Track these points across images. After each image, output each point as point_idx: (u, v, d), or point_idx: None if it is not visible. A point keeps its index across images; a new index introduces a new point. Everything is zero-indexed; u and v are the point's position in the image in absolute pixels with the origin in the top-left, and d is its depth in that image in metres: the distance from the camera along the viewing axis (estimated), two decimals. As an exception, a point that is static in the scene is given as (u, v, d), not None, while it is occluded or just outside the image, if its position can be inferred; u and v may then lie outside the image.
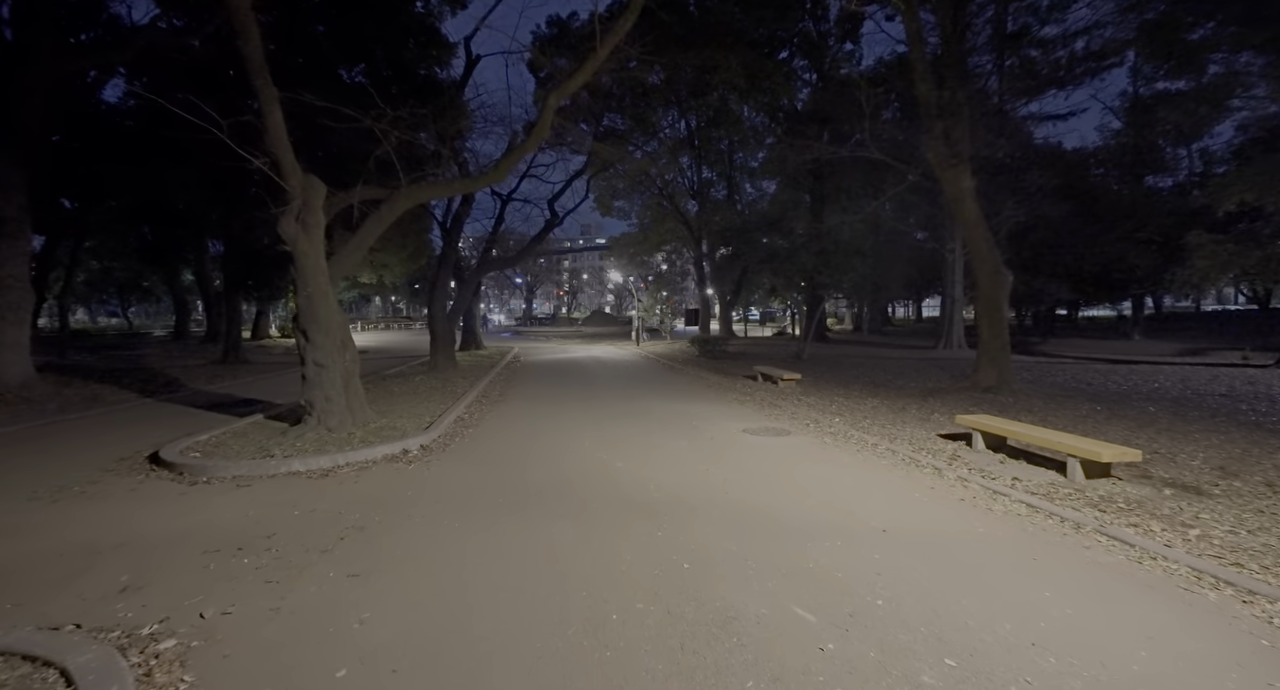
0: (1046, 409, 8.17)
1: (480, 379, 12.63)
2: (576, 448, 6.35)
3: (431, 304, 14.63)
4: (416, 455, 5.92)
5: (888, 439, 6.68)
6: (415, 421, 7.48)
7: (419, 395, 10.03)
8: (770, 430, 7.31)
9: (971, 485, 4.82)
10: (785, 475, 5.21)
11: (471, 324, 22.90)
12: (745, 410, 8.94)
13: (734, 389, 11.43)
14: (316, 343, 6.73)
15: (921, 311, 55.60)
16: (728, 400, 10.03)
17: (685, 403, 9.68)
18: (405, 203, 7.08)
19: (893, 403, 9.20)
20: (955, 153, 9.69)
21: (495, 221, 22.91)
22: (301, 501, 4.43)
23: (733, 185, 29.77)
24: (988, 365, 9.65)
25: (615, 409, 8.99)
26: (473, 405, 9.29)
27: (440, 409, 8.51)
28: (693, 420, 8.05)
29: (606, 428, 7.48)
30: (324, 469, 5.32)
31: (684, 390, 11.38)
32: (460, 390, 10.70)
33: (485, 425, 7.69)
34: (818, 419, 7.98)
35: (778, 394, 10.52)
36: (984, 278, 9.70)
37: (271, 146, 5.95)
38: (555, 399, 10.11)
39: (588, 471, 5.35)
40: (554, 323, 66.07)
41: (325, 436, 6.48)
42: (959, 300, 19.36)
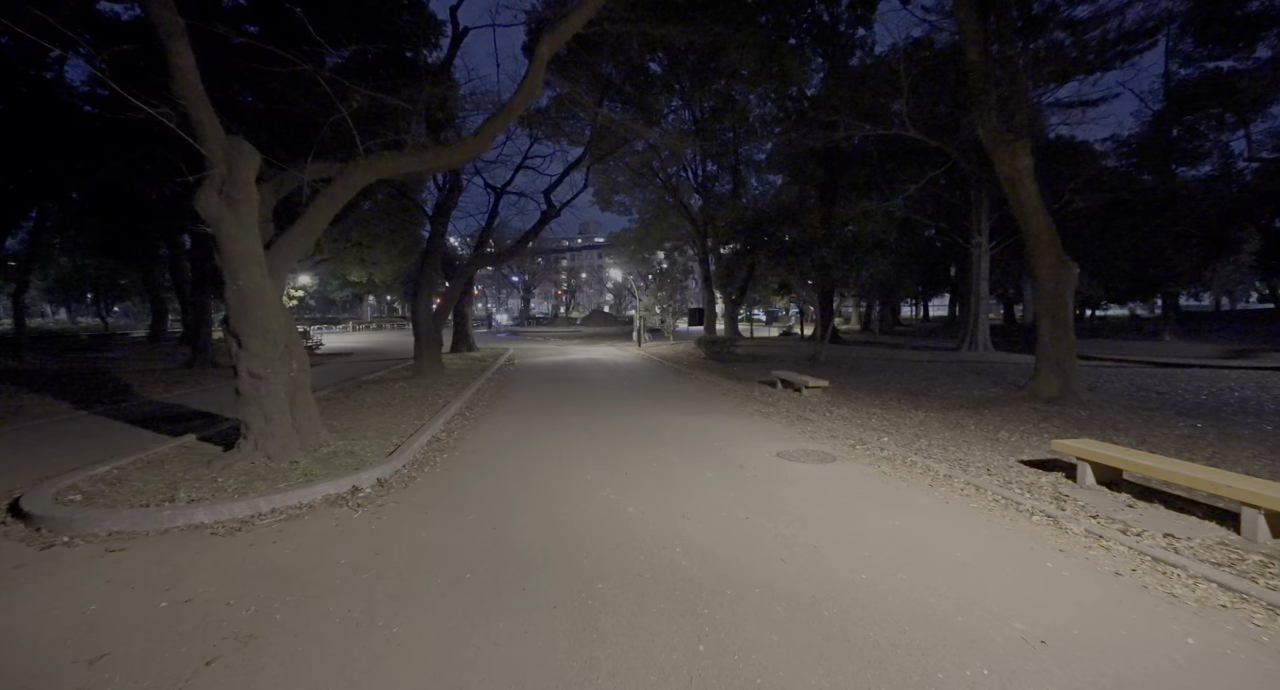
0: (1134, 426, 6.88)
1: (467, 386, 11.32)
2: (575, 482, 5.04)
3: (415, 302, 13.31)
4: (369, 495, 4.61)
5: (960, 467, 5.39)
6: (379, 444, 6.17)
7: (393, 407, 8.71)
8: (810, 454, 6.01)
9: (1114, 547, 3.52)
10: (853, 527, 3.91)
11: (463, 324, 21.58)
12: (772, 425, 7.64)
13: (752, 397, 10.13)
14: (251, 349, 5.42)
15: (928, 310, 54.43)
16: (748, 412, 8.74)
17: (701, 415, 8.38)
18: (363, 176, 5.77)
19: (943, 417, 7.91)
20: (1011, 127, 8.41)
21: (489, 215, 21.69)
22: (182, 580, 3.12)
23: (738, 179, 28.43)
24: (1049, 371, 8.37)
25: (620, 424, 7.69)
26: (454, 420, 7.97)
27: (413, 426, 7.20)
28: (714, 439, 6.75)
29: (612, 451, 6.18)
30: (239, 519, 4.01)
31: (696, 399, 10.08)
32: (442, 400, 9.39)
33: (464, 449, 6.37)
34: (862, 437, 6.69)
35: (804, 404, 9.22)
36: (1045, 271, 8.42)
37: (180, 96, 4.63)
38: (551, 412, 8.80)
39: (590, 524, 4.04)
40: (552, 323, 64.73)
41: (259, 468, 5.17)
42: (984, 298, 18.08)
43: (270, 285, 5.55)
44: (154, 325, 23.85)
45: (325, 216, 5.94)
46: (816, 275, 15.57)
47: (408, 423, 7.44)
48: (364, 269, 33.06)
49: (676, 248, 35.32)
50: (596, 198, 28.90)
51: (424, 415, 8.00)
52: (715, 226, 26.83)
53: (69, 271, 26.66)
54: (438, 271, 13.60)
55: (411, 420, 7.63)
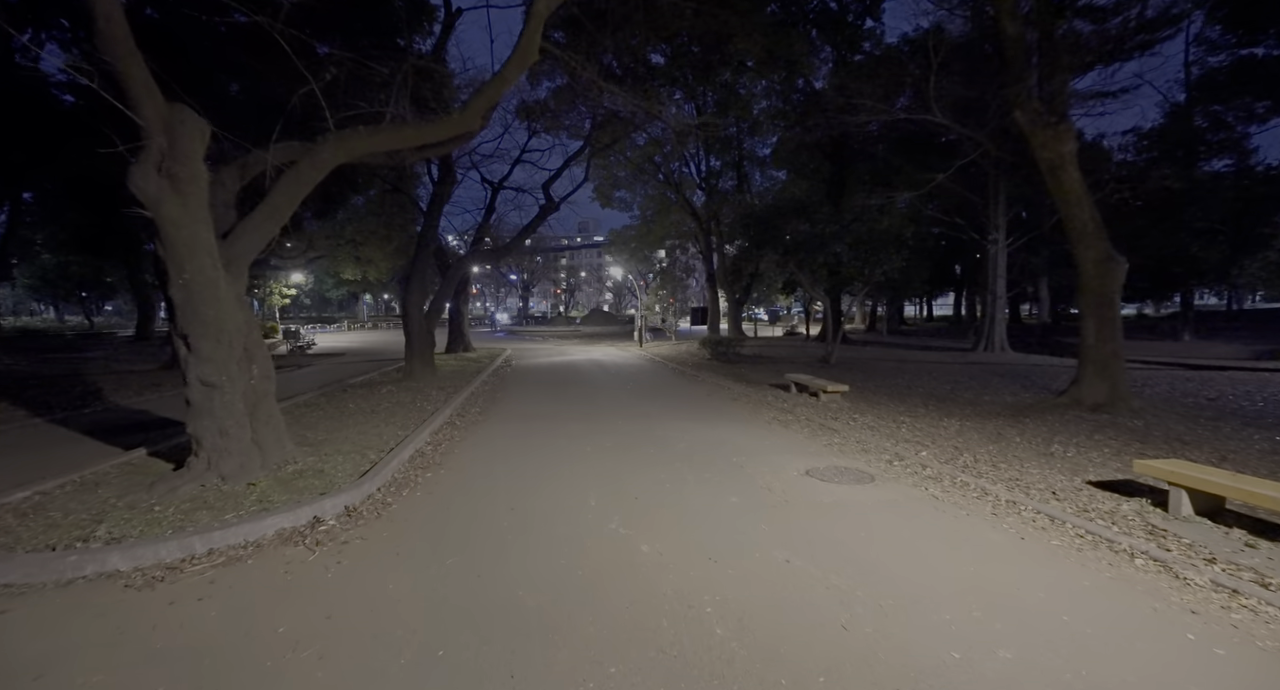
0: (1203, 439, 6.16)
1: (460, 390, 10.58)
2: (578, 510, 4.31)
3: (406, 300, 12.55)
4: (333, 529, 3.87)
5: (1020, 489, 4.67)
6: (354, 461, 5.42)
7: (377, 415, 7.97)
8: (844, 473, 5.28)
9: (1261, 608, 2.79)
10: (920, 575, 3.18)
11: (459, 323, 20.82)
12: (794, 437, 6.91)
13: (766, 403, 9.41)
14: (202, 353, 4.67)
15: (932, 309, 53.71)
16: (764, 419, 8.00)
17: (714, 424, 7.64)
18: (333, 154, 5.03)
19: (980, 426, 7.18)
20: (1053, 108, 7.68)
21: (485, 210, 20.94)
22: (61, 664, 2.38)
23: (742, 174, 27.70)
24: (1094, 376, 7.64)
25: (627, 436, 6.95)
26: (443, 430, 7.23)
27: (396, 437, 6.45)
28: (732, 453, 6.01)
29: (618, 469, 5.44)
30: (165, 565, 3.27)
31: (706, 405, 9.35)
32: (432, 407, 8.65)
33: (451, 465, 5.63)
34: (897, 451, 5.96)
35: (824, 411, 8.50)
36: (1090, 266, 7.70)
37: (104, 50, 3.88)
38: (549, 420, 8.06)
39: (598, 569, 3.31)
40: (551, 322, 63.97)
41: (209, 492, 4.43)
42: (1001, 297, 17.37)
43: (225, 279, 4.80)
44: (140, 324, 23.04)
45: (291, 200, 5.19)
46: (827, 273, 14.85)
47: (390, 433, 6.70)
48: (358, 267, 32.34)
49: (678, 245, 34.57)
50: (597, 194, 28.16)
51: (409, 424, 7.26)
52: (719, 223, 26.11)
53: (53, 269, 25.86)
54: (430, 268, 12.84)
55: (395, 430, 6.88)
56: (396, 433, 6.74)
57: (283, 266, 29.15)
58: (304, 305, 56.73)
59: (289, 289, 32.52)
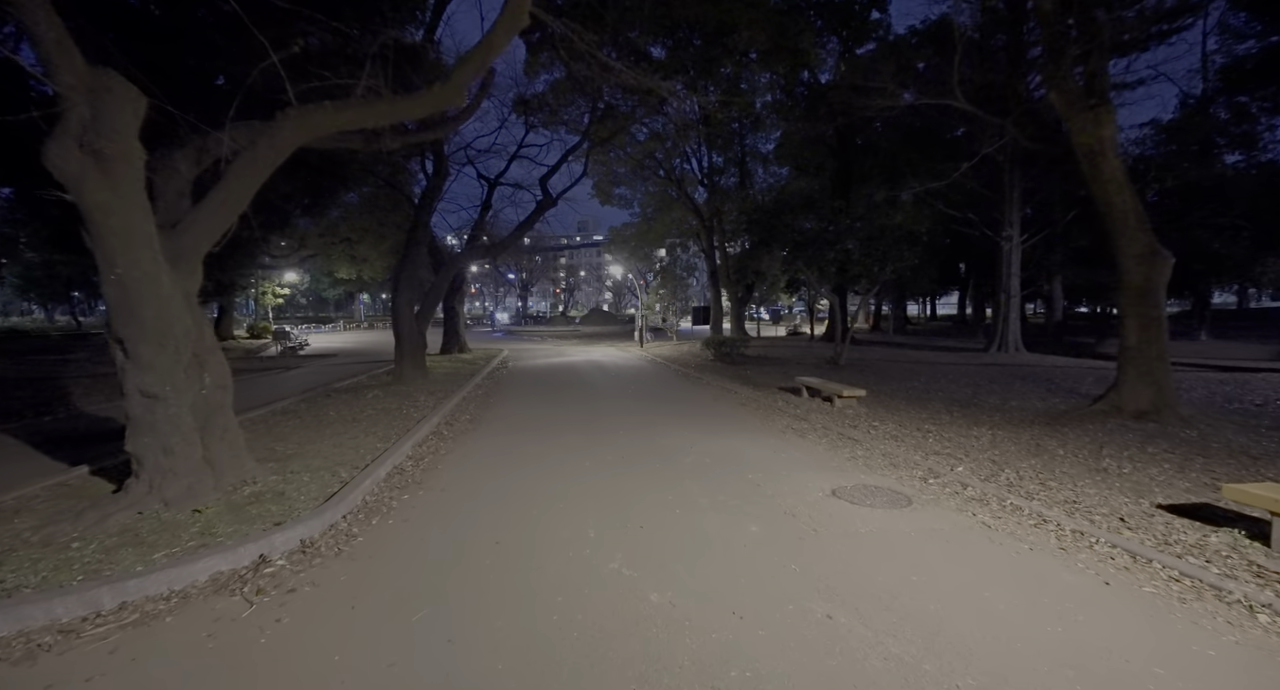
0: (1273, 453, 5.54)
1: (451, 395, 9.96)
2: (574, 544, 3.69)
3: (396, 298, 11.93)
4: (280, 571, 3.25)
5: (1082, 514, 4.06)
6: (323, 479, 4.81)
7: (359, 423, 7.35)
8: (875, 493, 4.66)
9: None
10: (1000, 639, 2.56)
11: (454, 323, 20.20)
12: (812, 448, 6.29)
13: (777, 408, 8.80)
14: (142, 360, 4.06)
15: (935, 309, 53.07)
16: (778, 428, 7.39)
17: (723, 433, 7.02)
18: (294, 131, 4.41)
19: (1015, 436, 6.57)
20: (1093, 89, 7.06)
21: (482, 207, 20.33)
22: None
23: (744, 171, 27.09)
24: (1137, 380, 7.02)
25: (630, 448, 6.33)
26: (427, 442, 6.61)
27: (375, 450, 5.83)
28: (746, 468, 5.40)
29: (622, 490, 4.82)
30: (59, 627, 2.65)
31: (713, 411, 8.73)
32: (419, 414, 8.03)
33: (432, 485, 5.01)
34: (931, 466, 5.34)
35: (840, 418, 7.88)
36: (1132, 261, 7.08)
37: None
38: (545, 429, 7.44)
39: (598, 627, 2.69)
40: (550, 321, 63.36)
41: (145, 521, 3.81)
42: (1016, 296, 16.75)
43: (169, 275, 4.18)
44: None
45: (248, 186, 4.57)
46: (835, 271, 14.23)
47: (369, 446, 6.08)
48: (353, 266, 31.72)
49: (679, 243, 33.93)
50: (596, 190, 27.52)
51: (392, 435, 6.64)
52: (722, 220, 25.49)
53: (38, 267, 25.23)
54: (421, 266, 12.21)
55: (375, 442, 6.26)
56: (376, 445, 6.11)
57: (275, 265, 28.52)
58: (300, 305, 56.11)
59: (282, 288, 31.86)
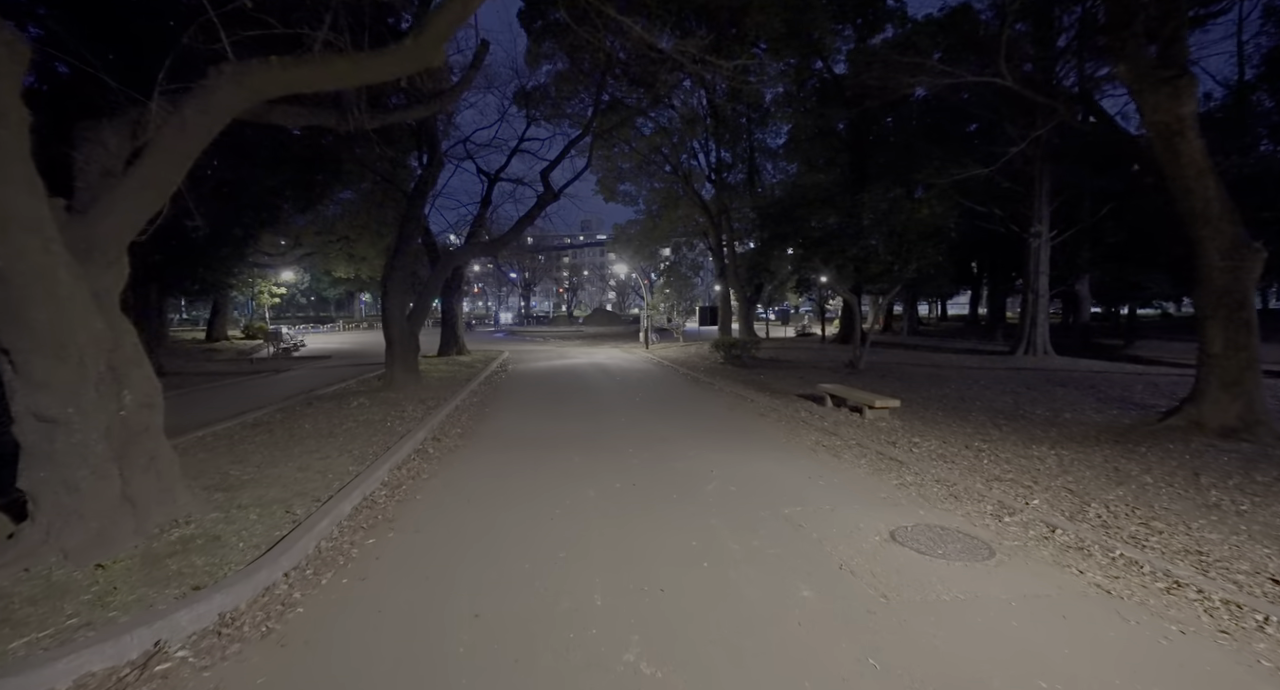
0: None
1: (443, 404, 9.14)
2: (576, 618, 2.84)
3: (385, 297, 11.13)
4: (179, 670, 2.40)
5: (1222, 573, 3.20)
6: (273, 518, 3.98)
7: (335, 439, 6.53)
8: (943, 536, 3.81)
9: None
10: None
11: (453, 324, 19.40)
12: (852, 471, 5.43)
13: (801, 420, 7.94)
14: (35, 375, 3.24)
15: (946, 309, 51.98)
16: (806, 445, 6.53)
17: (747, 452, 6.17)
18: (232, 95, 3.58)
19: (1085, 457, 5.69)
20: (1170, 58, 6.18)
21: (481, 203, 19.53)
22: None
23: (753, 167, 26.17)
24: (1221, 392, 6.13)
25: (641, 473, 5.48)
26: (409, 463, 5.78)
27: (345, 476, 5.01)
28: (781, 501, 4.54)
29: (634, 534, 3.97)
30: None
31: (731, 423, 7.88)
32: (404, 427, 7.21)
33: (405, 524, 4.17)
34: (1002, 500, 4.48)
35: (875, 432, 7.02)
36: (1214, 256, 6.19)
37: None
38: (544, 446, 6.60)
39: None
40: (553, 322, 62.59)
41: (27, 584, 2.99)
42: (1044, 295, 15.82)
43: (70, 270, 3.35)
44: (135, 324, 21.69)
45: (174, 162, 3.74)
46: (854, 269, 13.35)
47: (340, 468, 5.25)
48: (351, 264, 30.93)
49: (685, 242, 33.06)
50: (600, 186, 26.70)
51: (369, 453, 5.82)
52: (730, 217, 24.61)
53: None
54: (413, 263, 11.40)
55: (348, 463, 5.44)
56: (348, 468, 5.29)
57: (272, 264, 27.80)
58: (300, 305, 55.50)
59: (279, 288, 31.15)
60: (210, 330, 25.87)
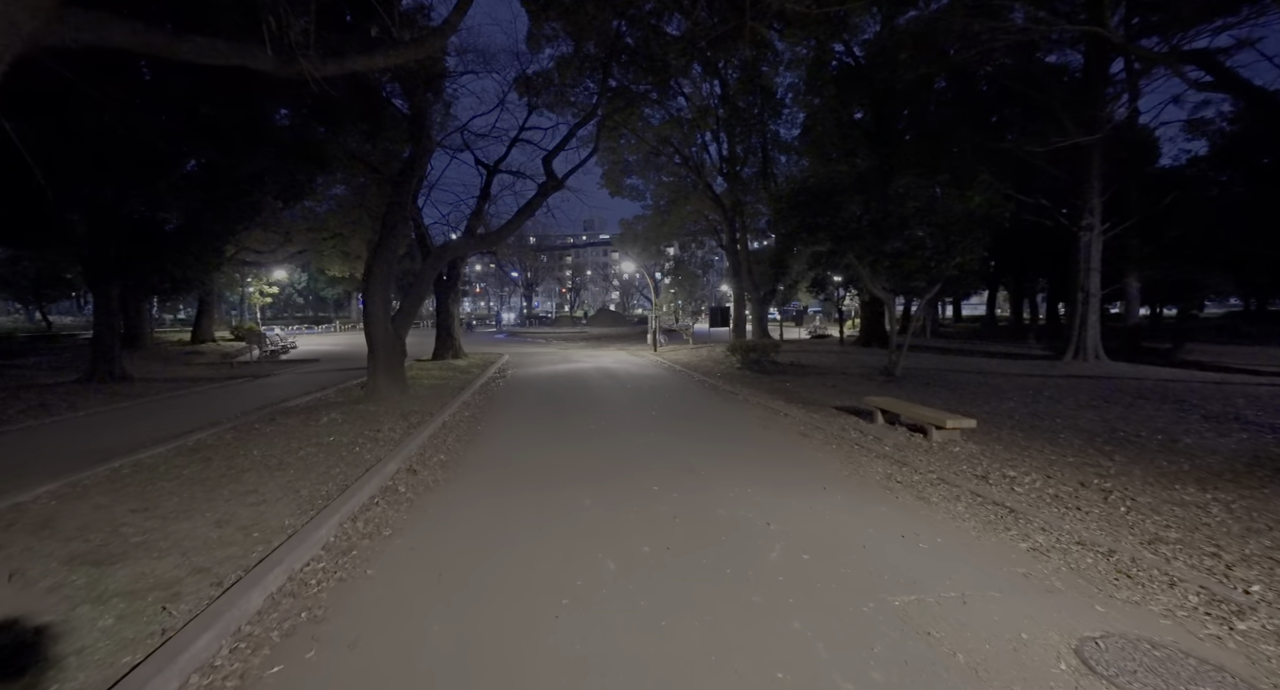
0: None
1: (428, 420, 7.82)
2: None
3: (367, 296, 9.80)
4: None
5: None
6: (142, 617, 2.64)
7: (284, 470, 5.19)
8: (1168, 665, 2.44)
9: None
10: None
11: (448, 325, 18.08)
12: (952, 524, 4.07)
13: (852, 441, 6.61)
14: None
15: (960, 310, 50.46)
16: (876, 480, 5.18)
17: (802, 490, 4.81)
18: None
19: (1264, 504, 4.32)
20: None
21: (480, 195, 18.24)
22: None
23: (767, 160, 24.79)
24: None
25: (673, 525, 4.13)
26: (369, 511, 4.43)
27: (278, 533, 3.67)
28: (883, 584, 3.19)
29: (678, 654, 2.61)
30: None
31: (771, 445, 6.52)
32: (375, 453, 5.88)
33: (335, 632, 2.81)
34: (1202, 582, 3.12)
35: (952, 462, 5.67)
36: None
37: None
38: (544, 482, 5.26)
39: None
40: (556, 322, 61.29)
41: None
42: (1096, 294, 14.41)
43: None
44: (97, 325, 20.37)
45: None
46: (889, 265, 11.96)
47: (275, 520, 3.92)
48: (345, 263, 29.59)
49: (695, 239, 31.69)
50: (605, 180, 25.36)
51: (320, 495, 4.49)
52: (743, 212, 23.26)
53: (3, 264, 23.37)
54: (399, 258, 10.08)
55: (288, 512, 4.11)
56: (284, 520, 3.96)
57: (261, 262, 26.54)
58: (298, 305, 54.31)
59: (270, 287, 29.87)
60: (196, 331, 24.60)
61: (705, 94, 24.06)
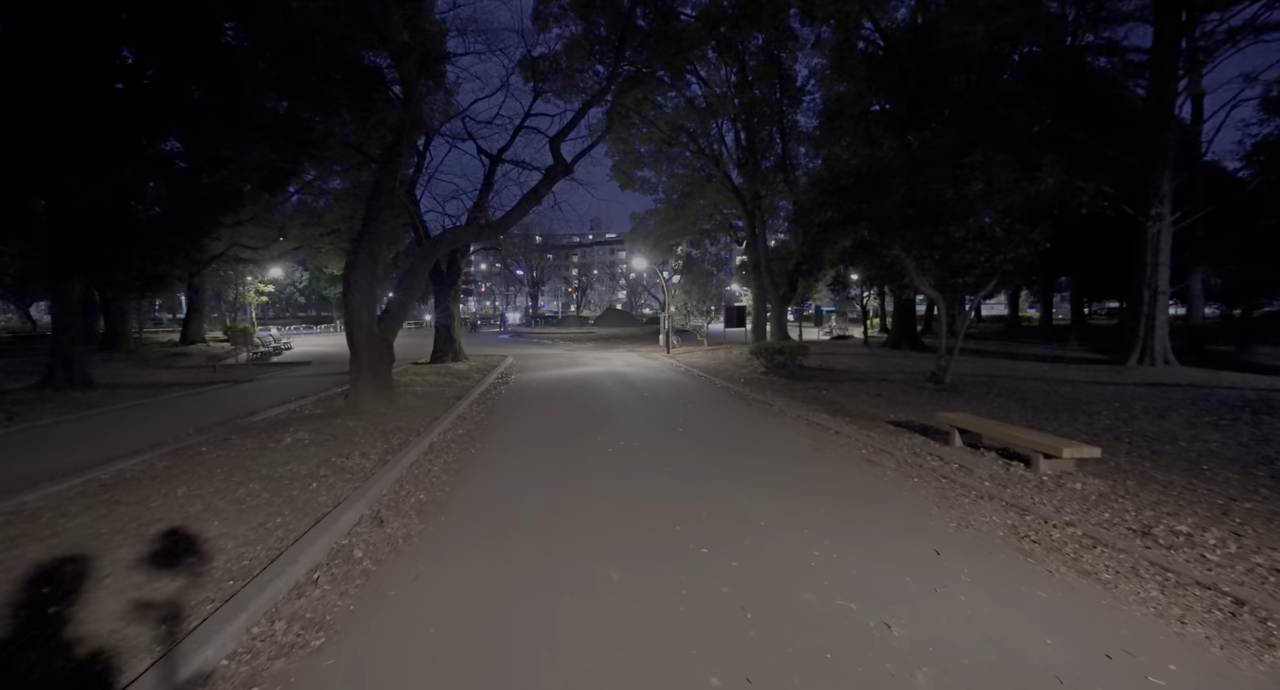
0: None
1: (415, 438, 6.51)
2: None
3: (348, 292, 8.50)
4: None
5: None
6: None
7: (207, 520, 3.89)
8: None
9: None
10: None
11: (448, 325, 16.82)
12: (1157, 621, 2.70)
13: (932, 471, 5.26)
14: None
15: (980, 311, 48.75)
16: (996, 531, 3.82)
17: (909, 554, 3.45)
18: None
19: None
20: None
21: (483, 186, 16.99)
22: None
23: (787, 151, 23.36)
24: None
25: (741, 621, 2.78)
26: (306, 589, 3.12)
27: (148, 652, 2.37)
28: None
29: None
30: None
31: (831, 476, 5.16)
32: (337, 491, 4.58)
33: None
34: None
35: (1089, 508, 4.31)
36: None
37: None
38: (553, 537, 3.92)
39: None
40: (562, 322, 60.02)
41: None
42: (1164, 291, 12.93)
43: None
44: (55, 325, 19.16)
45: None
46: (939, 258, 10.55)
47: (149, 624, 2.61)
48: (343, 260, 28.50)
49: (709, 235, 30.30)
50: (616, 172, 24.04)
51: (239, 568, 3.18)
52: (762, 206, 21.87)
53: (-15, 261, 22.37)
54: (380, 245, 8.78)
55: (185, 596, 2.80)
56: (161, 626, 2.64)
57: (255, 259, 25.38)
58: (299, 304, 53.34)
59: (265, 286, 28.75)
60: (185, 332, 23.48)
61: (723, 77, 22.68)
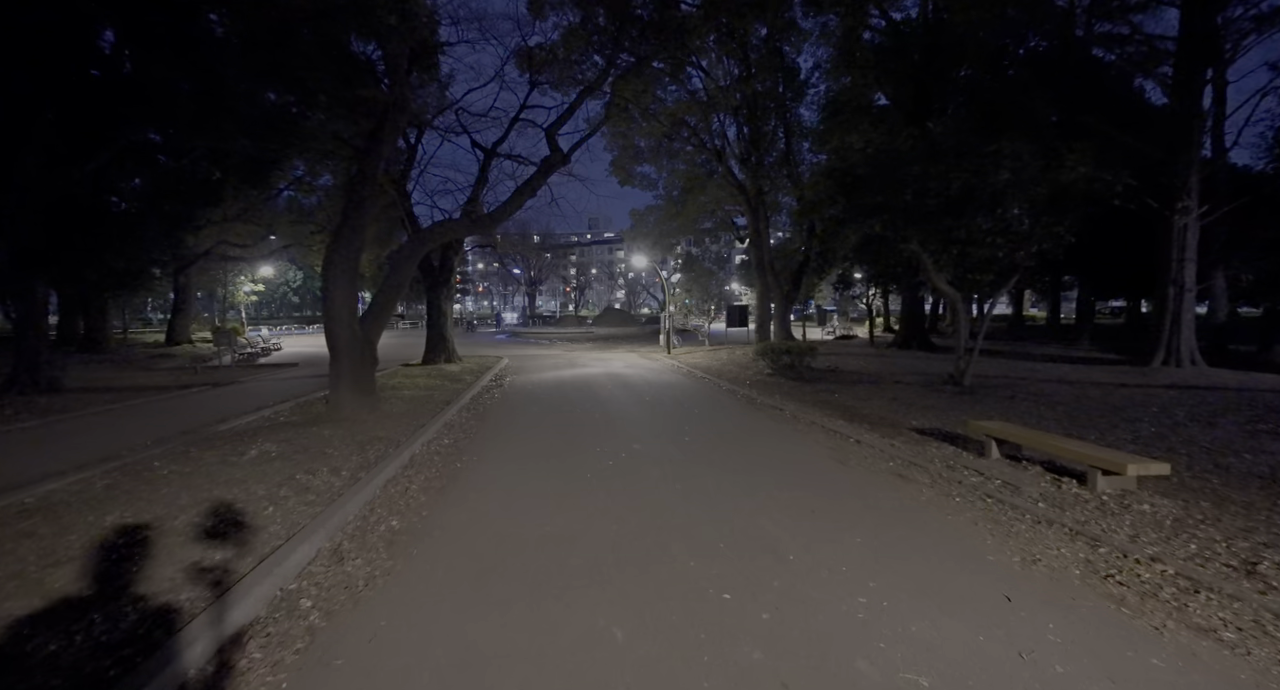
0: None
1: (397, 450, 5.87)
2: None
3: (327, 290, 7.85)
4: None
5: None
6: None
7: (129, 560, 3.25)
8: None
9: None
10: None
11: (440, 324, 16.16)
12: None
13: (970, 487, 4.65)
14: None
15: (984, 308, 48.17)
16: (1070, 568, 3.19)
17: (962, 599, 2.81)
18: None
19: None
20: None
21: (477, 181, 16.35)
22: None
23: (790, 146, 22.74)
24: None
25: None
26: (235, 656, 2.48)
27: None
28: None
29: None
30: None
31: (857, 493, 4.53)
32: (294, 520, 3.94)
33: None
34: None
35: (1166, 536, 3.69)
36: None
37: None
38: (548, 585, 3.28)
39: None
40: (560, 322, 59.32)
41: None
42: (1190, 289, 12.34)
43: None
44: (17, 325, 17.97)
45: None
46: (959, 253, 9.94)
47: None
48: (336, 258, 27.83)
49: (708, 233, 29.67)
50: (615, 168, 23.37)
51: (142, 635, 2.53)
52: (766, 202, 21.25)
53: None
54: (361, 237, 8.12)
55: (58, 683, 2.16)
56: None
57: (244, 257, 24.68)
58: (293, 303, 52.64)
59: (256, 285, 28.04)
60: (170, 332, 22.77)
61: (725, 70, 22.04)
